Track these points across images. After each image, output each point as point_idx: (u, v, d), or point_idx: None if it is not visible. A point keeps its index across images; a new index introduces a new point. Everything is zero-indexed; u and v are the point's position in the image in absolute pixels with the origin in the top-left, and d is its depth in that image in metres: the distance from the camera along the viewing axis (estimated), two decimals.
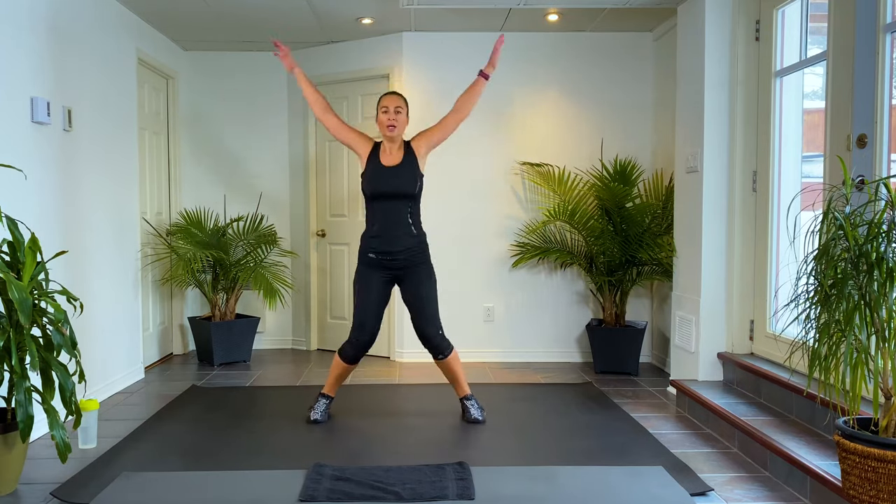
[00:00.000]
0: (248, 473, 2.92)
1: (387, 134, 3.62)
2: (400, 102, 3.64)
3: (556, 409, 3.96)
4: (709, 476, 2.95)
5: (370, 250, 3.63)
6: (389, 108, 3.60)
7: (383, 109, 3.61)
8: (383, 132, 3.63)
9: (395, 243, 3.59)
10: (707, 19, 3.95)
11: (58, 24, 3.73)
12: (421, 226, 3.69)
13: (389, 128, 3.60)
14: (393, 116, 3.60)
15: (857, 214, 2.33)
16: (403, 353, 5.30)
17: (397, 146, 3.66)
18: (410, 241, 3.62)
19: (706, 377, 4.04)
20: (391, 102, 3.62)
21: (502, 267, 5.33)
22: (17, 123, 3.35)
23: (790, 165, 3.76)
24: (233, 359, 5.22)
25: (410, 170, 3.61)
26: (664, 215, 4.77)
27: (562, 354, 5.35)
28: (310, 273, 5.73)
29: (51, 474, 2.97)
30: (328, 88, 5.56)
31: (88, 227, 4.06)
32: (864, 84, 2.97)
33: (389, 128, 3.60)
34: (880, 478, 2.20)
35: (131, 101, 4.66)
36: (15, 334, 2.68)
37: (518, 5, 4.42)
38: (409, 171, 3.61)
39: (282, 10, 4.68)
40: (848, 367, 2.25)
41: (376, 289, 3.63)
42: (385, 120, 3.60)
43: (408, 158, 3.64)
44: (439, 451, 3.23)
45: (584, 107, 5.28)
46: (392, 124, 3.59)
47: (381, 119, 3.61)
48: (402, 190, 3.58)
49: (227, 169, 5.79)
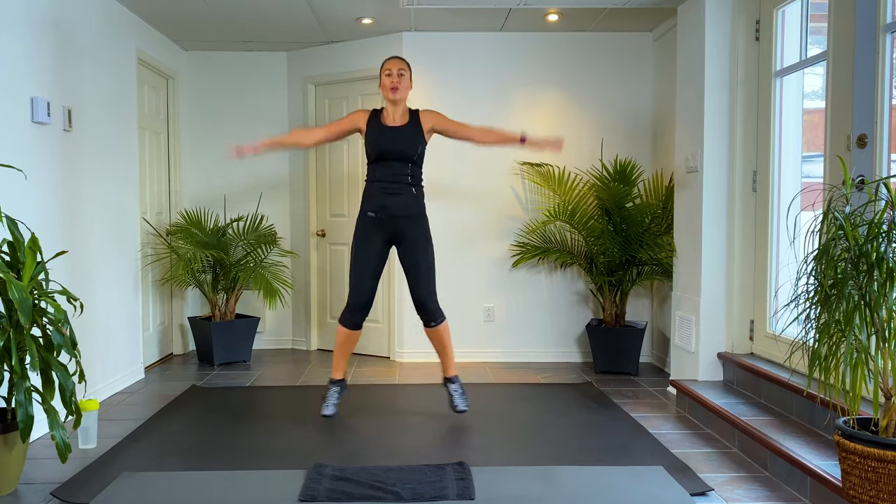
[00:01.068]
0: (248, 473, 2.92)
1: (390, 97, 3.63)
2: (403, 66, 3.66)
3: (556, 409, 3.96)
4: (709, 476, 2.95)
5: (369, 208, 3.65)
6: (393, 71, 3.63)
7: (387, 73, 3.64)
8: (386, 95, 3.65)
9: (394, 199, 3.61)
10: (707, 19, 3.95)
11: (58, 24, 3.73)
12: (422, 187, 3.71)
13: (393, 90, 3.62)
14: (396, 79, 3.62)
15: (857, 214, 2.33)
16: (403, 353, 5.30)
17: (401, 111, 3.68)
18: (409, 199, 3.63)
19: (706, 377, 4.04)
20: (394, 65, 3.64)
21: (502, 267, 5.33)
22: (17, 123, 3.35)
23: (790, 165, 3.76)
24: (233, 359, 5.22)
25: (413, 133, 3.63)
26: (664, 215, 4.77)
27: (562, 354, 5.35)
28: (310, 273, 5.73)
29: (51, 474, 2.97)
30: (328, 88, 5.57)
31: (88, 227, 4.06)
32: (864, 84, 2.97)
33: (393, 90, 3.62)
34: (880, 478, 2.20)
35: (131, 101, 4.66)
36: (15, 334, 2.68)
37: (518, 5, 4.42)
38: (411, 134, 3.63)
39: (282, 10, 4.68)
40: (848, 367, 2.25)
41: (373, 250, 3.64)
42: (388, 83, 3.63)
43: (412, 123, 3.66)
44: (439, 451, 3.23)
45: (584, 107, 5.28)
46: (395, 86, 3.61)
47: (385, 82, 3.64)
48: (404, 149, 3.60)
49: (227, 169, 5.79)
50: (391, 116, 3.67)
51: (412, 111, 3.71)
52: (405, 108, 3.70)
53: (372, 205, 3.64)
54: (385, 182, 3.62)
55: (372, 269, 3.64)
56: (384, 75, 3.65)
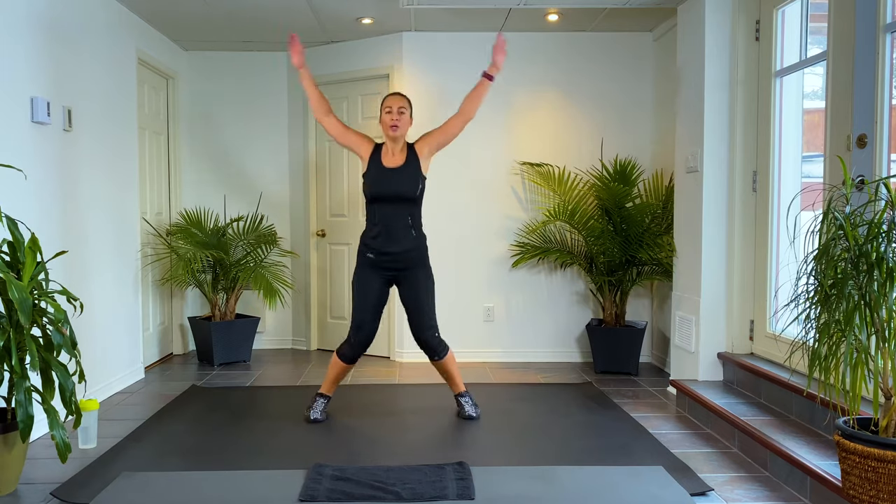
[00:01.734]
0: (248, 473, 2.92)
1: (390, 134, 3.61)
2: (403, 103, 3.64)
3: (556, 409, 3.96)
4: (709, 476, 2.95)
5: (369, 251, 3.64)
6: (393, 109, 3.60)
7: (387, 110, 3.61)
8: (386, 132, 3.63)
9: (394, 245, 3.59)
10: (707, 19, 3.95)
11: (58, 24, 3.73)
12: (421, 228, 3.69)
13: (392, 128, 3.59)
14: (396, 117, 3.59)
15: (857, 214, 2.33)
16: (403, 353, 5.30)
17: (400, 147, 3.66)
18: (410, 244, 3.62)
19: (706, 377, 4.04)
20: (395, 103, 3.62)
21: (502, 267, 5.33)
22: (17, 123, 3.35)
23: (790, 165, 3.76)
24: (233, 359, 5.22)
25: (412, 172, 3.61)
26: (664, 215, 4.77)
27: (562, 354, 5.35)
28: (310, 273, 5.73)
29: (51, 474, 2.97)
30: (328, 88, 5.56)
31: (88, 227, 4.06)
32: (864, 84, 2.97)
33: (392, 128, 3.59)
34: (880, 478, 2.20)
35: (131, 101, 4.66)
36: (15, 334, 2.68)
37: (518, 5, 4.42)
38: (410, 173, 3.60)
39: (282, 10, 4.68)
40: (848, 367, 2.25)
41: (374, 289, 3.64)
42: (388, 120, 3.60)
43: (410, 160, 3.63)
44: (439, 451, 3.23)
45: (584, 107, 5.28)
46: (395, 124, 3.59)
47: (385, 119, 3.61)
48: (404, 193, 3.58)
49: (227, 169, 5.79)
50: (390, 153, 3.64)
51: (409, 146, 3.68)
52: (404, 143, 3.68)
53: (371, 248, 3.63)
54: (384, 226, 3.59)
55: (373, 309, 3.64)
56: (384, 112, 3.62)
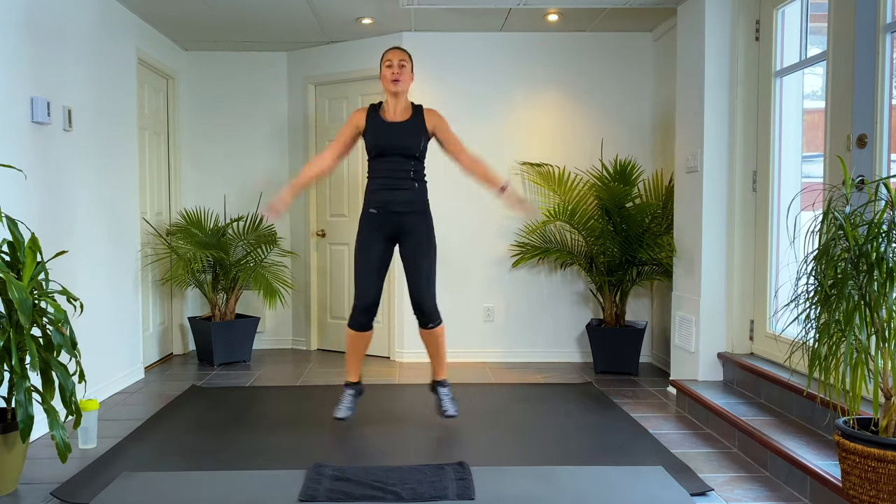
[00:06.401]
0: (248, 473, 2.92)
1: (391, 89, 3.50)
2: (404, 56, 3.53)
3: (556, 409, 3.96)
4: (709, 476, 2.95)
5: (371, 205, 3.54)
6: (393, 62, 3.50)
7: (387, 63, 3.51)
8: (387, 87, 3.52)
9: (396, 195, 3.50)
10: (707, 19, 3.95)
11: (58, 24, 3.73)
12: (424, 183, 3.58)
13: (394, 81, 3.49)
14: (397, 70, 3.49)
15: (857, 214, 2.33)
16: (403, 353, 5.30)
17: (402, 106, 3.56)
18: (412, 195, 3.52)
19: (706, 377, 4.04)
20: (395, 56, 3.52)
21: (502, 267, 5.33)
22: (17, 123, 3.35)
23: (790, 165, 3.76)
24: (233, 359, 5.22)
25: (416, 128, 3.51)
26: (664, 215, 4.77)
27: (562, 354, 5.35)
28: (310, 273, 5.73)
29: (51, 474, 2.97)
30: (328, 88, 5.56)
31: (88, 226, 4.06)
32: (864, 84, 2.97)
33: (394, 81, 3.49)
34: (880, 478, 2.20)
35: (131, 101, 4.66)
36: (15, 334, 2.68)
37: (518, 5, 4.42)
38: (413, 128, 3.51)
39: (282, 10, 4.68)
40: (848, 367, 2.25)
41: (376, 249, 3.54)
42: (389, 74, 3.50)
43: (415, 118, 3.54)
44: (439, 451, 3.23)
45: (584, 107, 5.28)
46: (396, 78, 3.49)
47: (385, 73, 3.51)
48: (407, 145, 3.48)
49: (227, 169, 5.79)
50: (392, 110, 3.54)
51: (415, 106, 3.59)
52: (407, 102, 3.57)
53: (373, 201, 3.53)
54: (386, 178, 3.50)
55: (376, 269, 3.53)
56: (384, 66, 3.52)
